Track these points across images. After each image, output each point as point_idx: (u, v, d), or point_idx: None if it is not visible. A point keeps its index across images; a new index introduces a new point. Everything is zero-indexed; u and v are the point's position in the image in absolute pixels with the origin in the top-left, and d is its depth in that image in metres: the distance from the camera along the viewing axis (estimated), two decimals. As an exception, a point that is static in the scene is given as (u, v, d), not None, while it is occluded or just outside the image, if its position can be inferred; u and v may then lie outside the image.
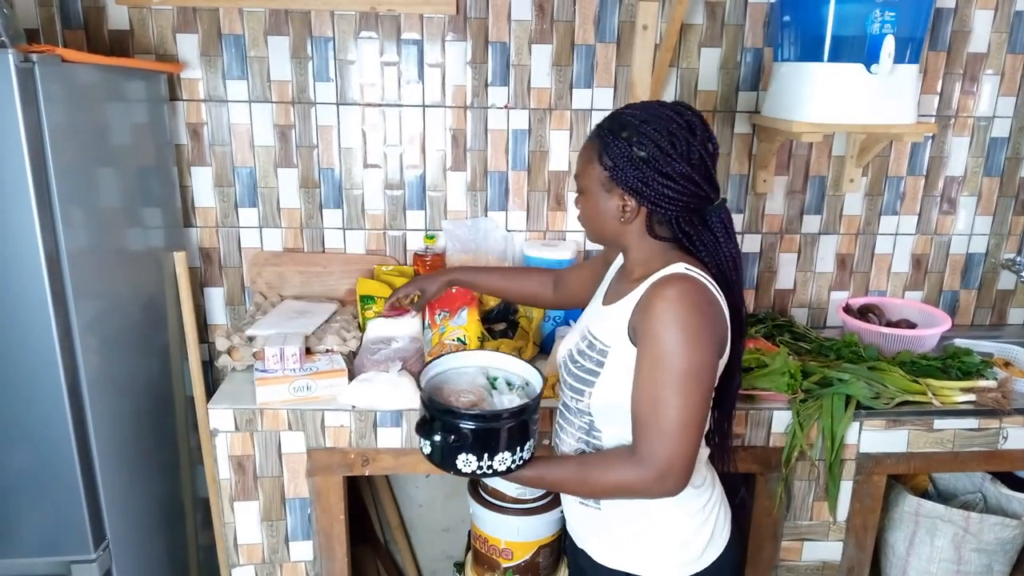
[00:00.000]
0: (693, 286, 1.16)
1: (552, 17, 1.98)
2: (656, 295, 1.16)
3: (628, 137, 1.19)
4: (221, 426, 1.63)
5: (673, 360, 1.12)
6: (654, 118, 1.19)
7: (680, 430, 1.12)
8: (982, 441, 1.72)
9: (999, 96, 2.13)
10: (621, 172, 1.19)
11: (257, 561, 1.75)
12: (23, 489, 1.49)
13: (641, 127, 1.18)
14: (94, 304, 1.54)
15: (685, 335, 1.12)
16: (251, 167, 2.05)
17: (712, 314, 1.17)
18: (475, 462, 1.23)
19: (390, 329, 1.82)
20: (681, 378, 1.12)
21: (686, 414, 1.12)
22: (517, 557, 2.16)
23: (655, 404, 1.13)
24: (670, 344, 1.12)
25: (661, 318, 1.13)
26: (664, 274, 1.19)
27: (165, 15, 1.92)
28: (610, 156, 1.20)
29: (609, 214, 1.24)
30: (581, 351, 1.29)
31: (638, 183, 1.19)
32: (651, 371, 1.14)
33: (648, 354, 1.14)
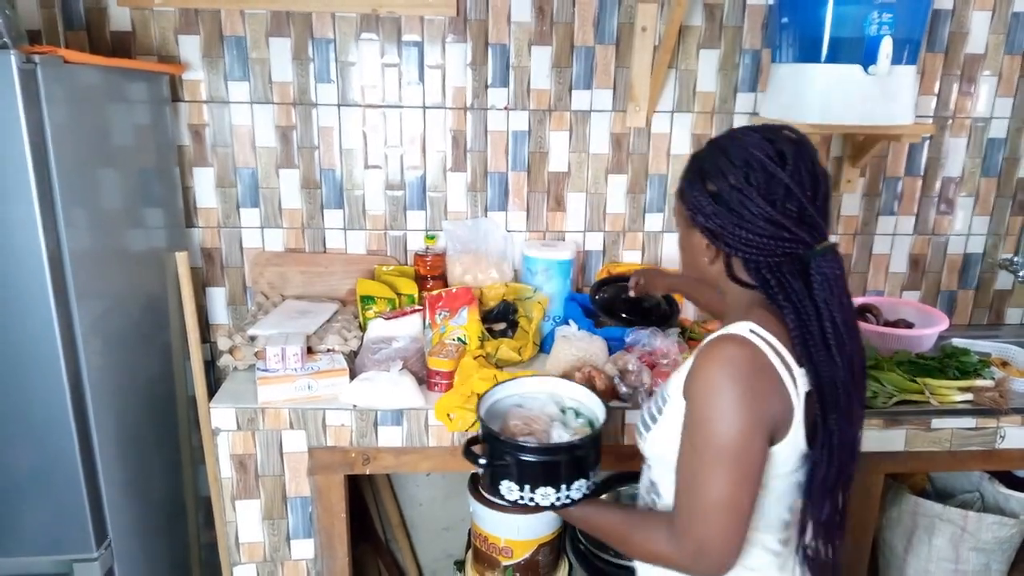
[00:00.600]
0: (744, 353, 1.01)
1: (552, 19, 1.99)
2: (703, 356, 1.03)
3: (702, 169, 1.06)
4: (223, 425, 1.64)
5: (708, 434, 1.00)
6: (733, 147, 1.04)
7: (715, 511, 1.00)
8: (980, 440, 1.73)
9: (996, 97, 2.14)
10: (695, 210, 1.06)
11: (258, 559, 1.76)
12: (26, 488, 1.50)
13: (716, 158, 1.05)
14: (96, 304, 1.55)
15: (722, 409, 0.99)
16: (253, 168, 2.06)
17: (758, 387, 1.00)
18: (517, 491, 1.21)
19: (391, 329, 1.83)
20: (716, 455, 0.99)
21: (721, 495, 1.00)
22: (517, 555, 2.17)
23: (692, 477, 1.02)
24: (707, 415, 1.00)
25: (702, 384, 1.02)
26: (722, 333, 1.05)
27: (167, 16, 1.93)
28: (688, 190, 1.08)
29: (696, 254, 1.12)
30: (659, 392, 1.20)
31: (711, 224, 1.05)
32: (689, 439, 1.03)
33: (689, 420, 1.04)
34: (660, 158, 2.12)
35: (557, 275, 2.00)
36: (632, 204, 2.15)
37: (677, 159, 2.12)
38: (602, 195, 2.14)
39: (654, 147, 2.11)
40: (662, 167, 2.13)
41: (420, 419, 1.65)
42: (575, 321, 1.87)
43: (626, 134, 2.09)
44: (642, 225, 2.17)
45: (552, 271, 2.00)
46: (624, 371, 1.69)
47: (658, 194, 2.15)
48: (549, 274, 2.00)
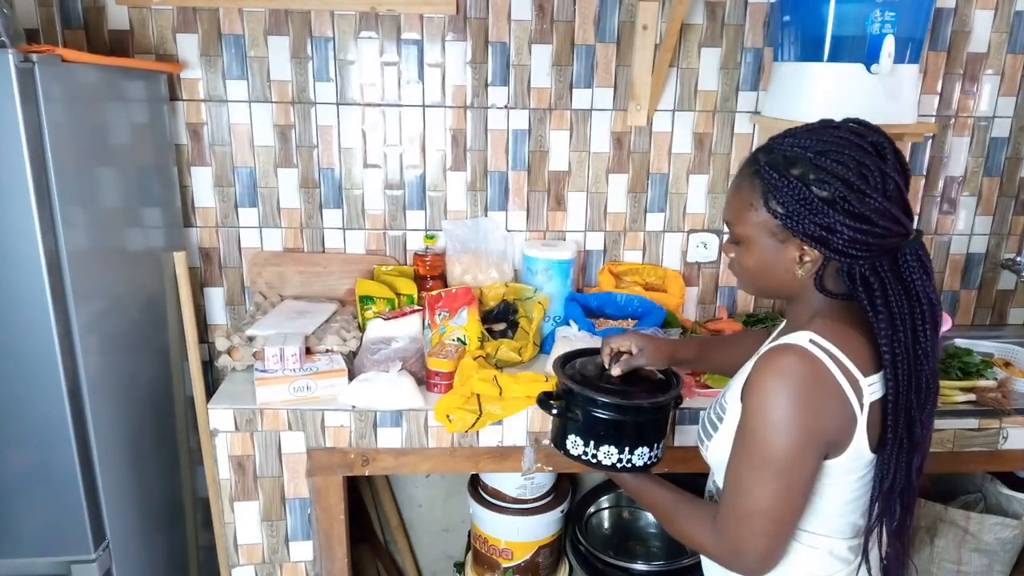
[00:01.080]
0: (803, 366, 0.99)
1: (552, 17, 1.98)
2: (760, 366, 1.02)
3: (802, 175, 0.99)
4: (221, 426, 1.63)
5: (758, 443, 1.00)
6: (832, 147, 0.99)
7: (755, 517, 1.02)
8: (982, 441, 1.72)
9: (999, 96, 2.13)
10: (797, 219, 0.99)
11: (257, 561, 1.75)
12: (23, 489, 1.49)
13: (818, 160, 0.99)
14: (94, 304, 1.54)
15: (774, 420, 0.98)
16: (251, 167, 2.05)
17: (813, 403, 0.99)
18: (581, 446, 1.26)
19: (390, 329, 1.82)
20: (763, 465, 1.00)
21: (763, 504, 1.01)
22: (517, 557, 2.16)
23: (738, 480, 1.04)
24: (759, 424, 1.00)
25: (757, 393, 1.01)
26: (783, 342, 1.04)
27: (165, 15, 1.92)
28: (780, 200, 1.00)
29: (780, 267, 1.05)
30: (718, 399, 1.21)
31: (821, 231, 0.99)
32: (740, 444, 1.04)
33: (742, 425, 1.04)
34: (661, 157, 2.11)
35: (557, 275, 1.99)
36: (633, 203, 2.14)
37: (678, 158, 2.11)
38: (603, 194, 2.13)
39: (655, 146, 2.10)
40: (663, 166, 2.12)
41: (419, 420, 1.64)
42: (575, 321, 1.86)
43: (627, 133, 2.08)
44: (643, 225, 2.16)
45: (552, 271, 1.99)
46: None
47: (659, 193, 2.14)
48: (549, 274, 1.99)
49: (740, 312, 2.24)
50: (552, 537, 2.19)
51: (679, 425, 1.66)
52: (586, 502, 2.30)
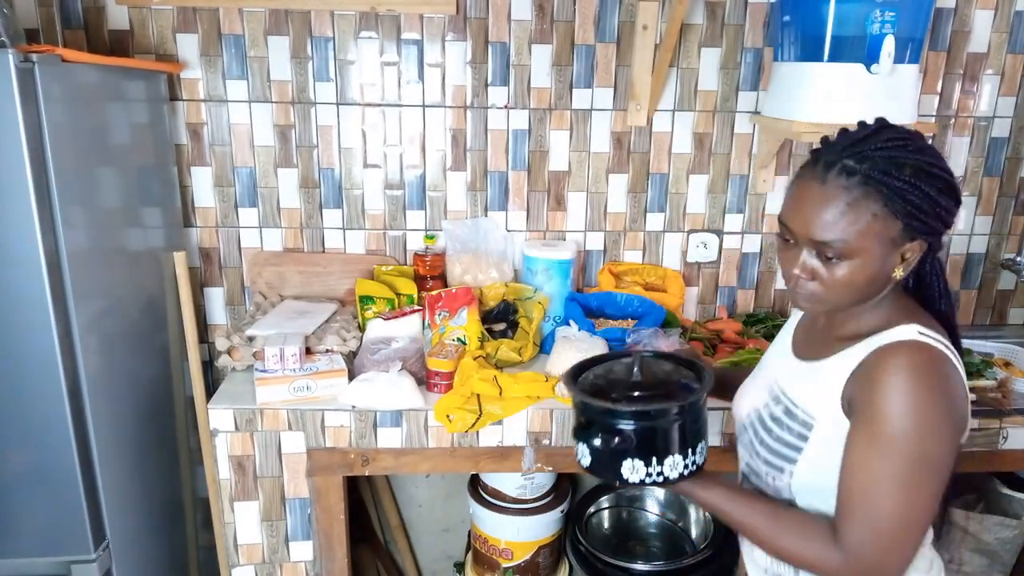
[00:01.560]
0: (933, 358, 0.98)
1: (552, 17, 1.98)
2: (886, 365, 0.98)
3: (915, 174, 0.98)
4: (221, 426, 1.63)
5: (902, 446, 0.94)
6: (923, 146, 1.01)
7: (900, 529, 0.96)
8: (982, 441, 1.72)
9: (999, 96, 2.13)
10: (924, 217, 0.99)
11: (257, 561, 1.75)
12: (23, 489, 1.49)
13: (923, 157, 1.00)
14: (94, 304, 1.54)
15: (921, 419, 0.94)
16: (251, 167, 2.05)
17: (953, 393, 0.98)
18: (643, 468, 1.09)
19: (390, 329, 1.82)
20: (910, 468, 0.95)
21: (910, 513, 0.95)
22: (517, 557, 2.16)
23: (873, 493, 0.96)
24: (901, 427, 0.94)
25: (891, 394, 0.95)
26: (895, 339, 1.01)
27: (165, 15, 1.92)
28: (908, 202, 0.98)
29: (885, 273, 1.02)
30: (776, 417, 1.11)
31: (939, 223, 1.01)
32: (871, 453, 0.96)
33: (868, 431, 0.97)
34: (661, 157, 2.11)
35: (557, 275, 1.99)
36: (633, 203, 2.14)
37: (678, 158, 2.11)
38: (603, 194, 2.13)
39: (655, 146, 2.10)
40: (663, 166, 2.12)
41: (419, 420, 1.64)
42: (575, 321, 1.86)
43: (627, 133, 2.08)
44: (643, 225, 2.16)
45: (552, 271, 1.99)
46: (625, 372, 1.67)
47: (659, 193, 2.14)
48: (549, 274, 1.99)
49: (740, 312, 2.25)
50: (552, 537, 2.19)
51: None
52: (586, 502, 2.30)
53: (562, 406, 1.66)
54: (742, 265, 2.22)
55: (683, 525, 2.29)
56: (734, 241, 2.19)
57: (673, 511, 2.32)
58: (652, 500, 2.35)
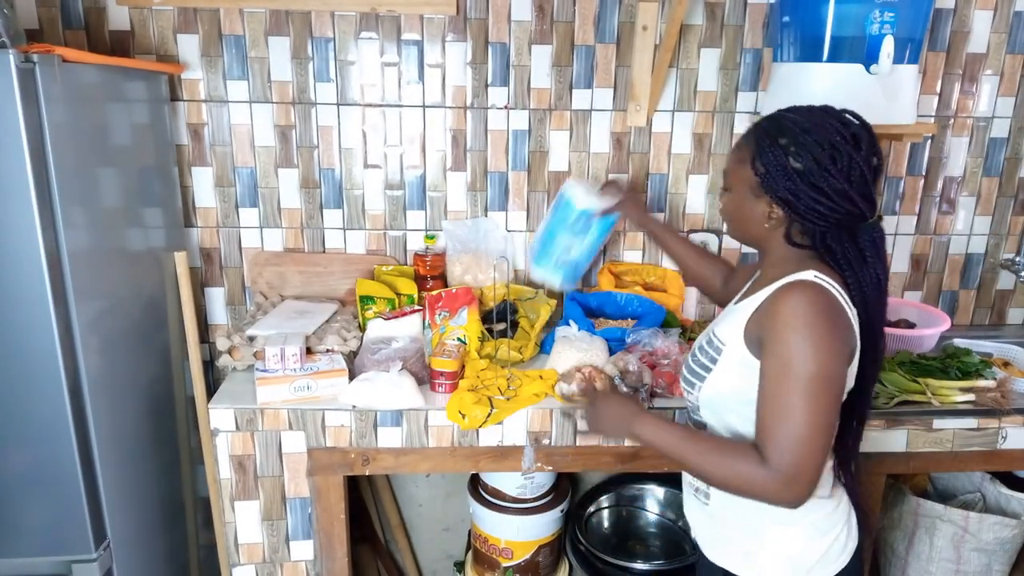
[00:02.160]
0: (820, 293, 1.13)
1: (552, 18, 1.98)
2: (781, 299, 1.14)
3: (785, 145, 1.16)
4: (222, 426, 1.64)
5: (800, 365, 1.09)
6: (817, 127, 1.15)
7: (809, 437, 1.09)
8: (981, 441, 1.72)
9: (998, 96, 2.13)
10: (772, 180, 1.17)
11: (258, 560, 1.76)
12: (24, 489, 1.49)
13: (801, 136, 1.15)
14: (95, 304, 1.54)
15: (813, 340, 1.09)
16: (252, 167, 2.05)
17: (840, 323, 1.13)
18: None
19: (390, 329, 1.82)
20: (809, 383, 1.09)
21: (815, 420, 1.09)
22: (517, 556, 2.16)
23: (784, 410, 1.10)
24: (797, 349, 1.10)
25: (788, 323, 1.11)
26: (791, 279, 1.17)
27: (166, 15, 1.92)
28: (763, 162, 1.18)
29: (753, 219, 1.23)
30: (701, 347, 1.30)
31: (788, 195, 1.16)
32: (778, 376, 1.11)
33: (774, 359, 1.12)
34: (661, 157, 2.11)
35: (598, 227, 1.90)
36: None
37: (678, 158, 2.11)
38: (602, 195, 2.13)
39: (655, 146, 2.10)
40: (663, 166, 2.12)
41: (420, 420, 1.64)
42: (575, 321, 1.87)
43: (627, 133, 2.08)
44: (643, 225, 2.16)
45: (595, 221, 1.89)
46: (625, 371, 1.68)
47: (659, 193, 2.14)
48: (589, 224, 1.89)
49: (740, 312, 2.24)
50: (552, 536, 2.19)
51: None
52: (586, 502, 2.30)
53: (562, 406, 1.66)
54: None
55: (683, 524, 2.29)
56: (734, 241, 2.20)
57: (673, 511, 2.32)
58: (652, 500, 2.35)
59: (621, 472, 2.19)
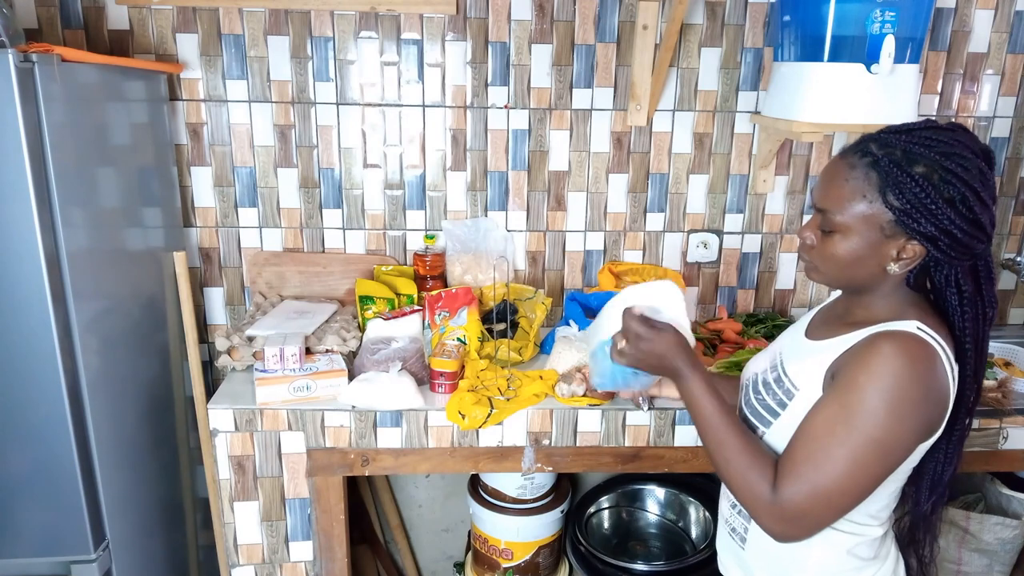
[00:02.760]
0: (924, 353, 0.99)
1: (552, 17, 1.98)
2: (876, 348, 1.00)
3: (927, 174, 0.99)
4: (221, 426, 1.63)
5: (865, 422, 0.97)
6: (957, 149, 1.00)
7: (834, 496, 0.99)
8: (982, 441, 1.72)
9: (999, 96, 2.13)
10: (916, 216, 0.99)
11: (257, 561, 1.75)
12: (23, 489, 1.49)
13: (944, 161, 0.99)
14: (94, 304, 1.54)
15: (894, 406, 0.96)
16: (251, 167, 2.05)
17: (932, 392, 1.00)
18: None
19: (390, 329, 1.82)
20: (866, 445, 0.97)
21: (849, 483, 0.98)
22: (517, 557, 2.16)
23: (823, 456, 0.99)
24: (872, 407, 0.97)
25: (871, 371, 0.98)
26: (894, 328, 1.02)
27: (165, 15, 1.92)
28: (901, 196, 0.99)
29: (874, 261, 1.04)
30: (767, 382, 1.16)
31: (936, 231, 0.99)
32: (836, 419, 0.99)
33: (840, 399, 1.00)
34: (661, 157, 2.11)
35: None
36: (633, 203, 2.14)
37: (678, 158, 2.11)
38: (603, 194, 2.13)
39: (655, 146, 2.10)
40: (663, 166, 2.12)
41: (419, 420, 1.64)
42: (575, 321, 1.86)
43: (627, 133, 2.08)
44: (643, 225, 2.16)
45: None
46: (625, 372, 1.68)
47: (659, 193, 2.14)
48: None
49: (740, 312, 2.25)
50: (552, 537, 2.18)
51: (679, 426, 1.66)
52: (586, 502, 2.30)
53: (562, 406, 1.66)
54: (742, 265, 2.22)
55: (683, 525, 2.29)
56: (734, 241, 2.19)
57: (673, 511, 2.32)
58: (652, 500, 2.35)
59: (621, 473, 2.18)
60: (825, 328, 1.16)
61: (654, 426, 1.67)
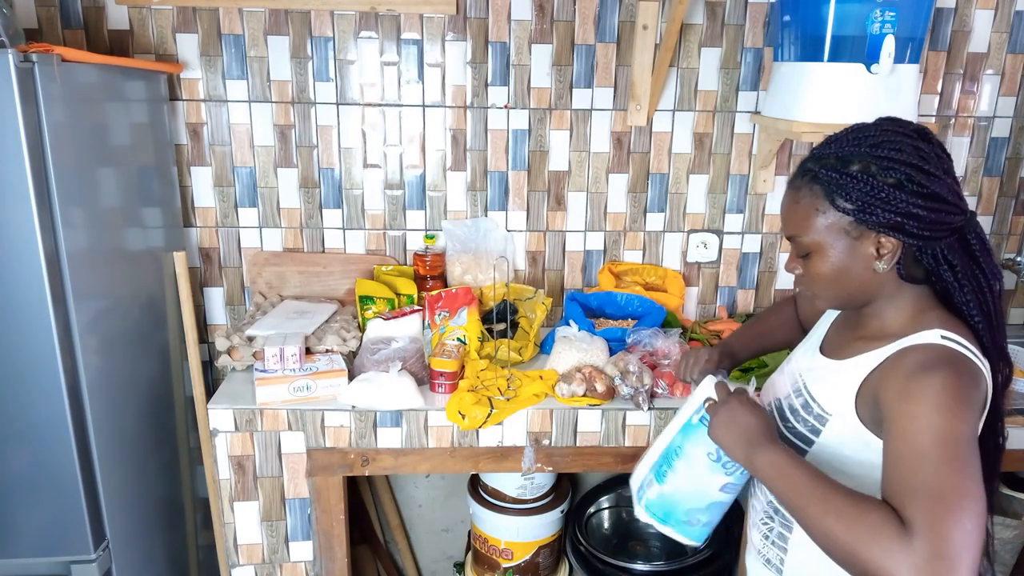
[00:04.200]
0: (956, 368, 0.97)
1: (552, 17, 1.98)
2: (913, 375, 0.96)
3: (863, 168, 1.01)
4: (221, 426, 1.63)
5: (936, 436, 0.91)
6: (883, 138, 1.02)
7: (960, 495, 0.88)
8: (982, 441, 1.71)
9: (999, 96, 2.13)
10: (870, 209, 1.00)
11: (257, 561, 1.75)
12: (23, 489, 1.49)
13: (875, 151, 1.01)
14: (94, 304, 1.54)
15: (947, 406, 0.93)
16: (251, 167, 2.05)
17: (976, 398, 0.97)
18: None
19: (390, 329, 1.82)
20: (946, 447, 0.91)
21: (963, 480, 0.89)
22: (517, 557, 2.16)
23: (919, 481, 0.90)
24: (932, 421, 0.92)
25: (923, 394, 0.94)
26: (915, 343, 1.01)
27: (165, 15, 1.92)
28: (848, 196, 1.01)
29: (858, 268, 1.04)
30: (794, 409, 1.13)
31: (896, 216, 0.99)
32: (905, 453, 0.93)
33: (901, 437, 0.94)
34: (661, 157, 2.11)
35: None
36: (633, 203, 2.14)
37: (678, 158, 2.11)
38: (603, 194, 2.13)
39: (655, 146, 2.10)
40: (663, 166, 2.12)
41: (419, 420, 1.64)
42: (575, 321, 1.86)
43: (627, 133, 2.08)
44: (643, 225, 2.16)
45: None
46: (625, 372, 1.68)
47: (659, 193, 2.14)
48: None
49: (740, 312, 2.24)
50: (552, 537, 2.19)
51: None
52: (586, 502, 2.30)
53: (562, 406, 1.66)
54: (742, 265, 2.22)
55: (683, 525, 2.28)
56: (734, 241, 2.19)
57: (673, 511, 2.31)
58: (652, 500, 2.34)
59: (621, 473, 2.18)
60: (841, 344, 1.14)
61: (654, 426, 1.67)
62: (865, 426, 1.03)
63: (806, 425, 1.11)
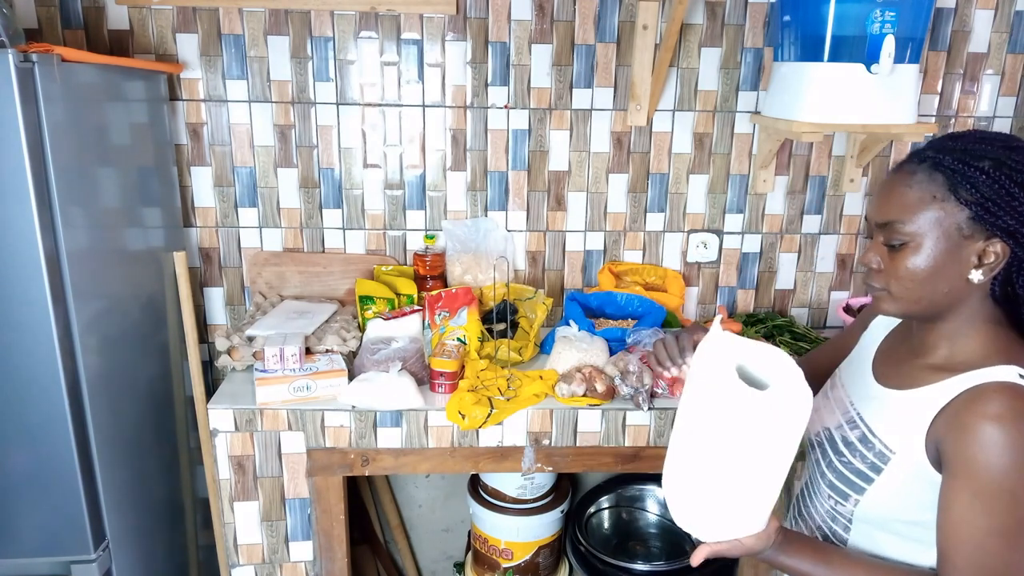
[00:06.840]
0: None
1: (552, 17, 1.98)
2: (983, 412, 0.90)
3: (996, 165, 0.92)
4: (221, 426, 1.63)
5: (1007, 503, 0.88)
6: (1017, 145, 0.94)
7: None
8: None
9: (999, 96, 2.13)
10: (995, 210, 0.91)
11: (257, 561, 1.75)
12: (23, 489, 1.49)
13: (1011, 154, 0.93)
14: (94, 304, 1.54)
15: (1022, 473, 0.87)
16: (251, 167, 2.05)
17: None
18: None
19: (390, 329, 1.82)
20: (1016, 524, 0.88)
21: (1018, 571, 0.88)
22: (517, 557, 2.16)
23: (980, 552, 0.89)
24: (1004, 484, 0.88)
25: (990, 447, 0.88)
26: (989, 381, 0.92)
27: (165, 15, 1.92)
28: (975, 189, 0.92)
29: (953, 270, 0.95)
30: (850, 442, 1.06)
31: (1017, 223, 0.91)
32: (974, 510, 0.89)
33: (968, 487, 0.90)
34: (661, 157, 2.11)
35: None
36: (633, 203, 2.14)
37: (678, 158, 2.11)
38: (603, 194, 2.13)
39: (655, 146, 2.10)
40: (663, 166, 2.12)
41: (419, 420, 1.64)
42: (575, 321, 1.86)
43: (627, 133, 2.08)
44: (643, 225, 2.16)
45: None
46: (625, 372, 1.68)
47: (659, 193, 2.14)
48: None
49: (740, 312, 2.24)
50: (552, 537, 2.19)
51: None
52: (586, 502, 2.30)
53: (562, 406, 1.66)
54: (742, 265, 2.22)
55: (683, 525, 2.29)
56: (734, 241, 2.19)
57: (673, 511, 2.32)
58: (652, 500, 2.35)
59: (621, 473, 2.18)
60: (899, 369, 1.06)
61: (654, 426, 1.67)
62: (928, 461, 0.96)
63: (864, 462, 1.03)
